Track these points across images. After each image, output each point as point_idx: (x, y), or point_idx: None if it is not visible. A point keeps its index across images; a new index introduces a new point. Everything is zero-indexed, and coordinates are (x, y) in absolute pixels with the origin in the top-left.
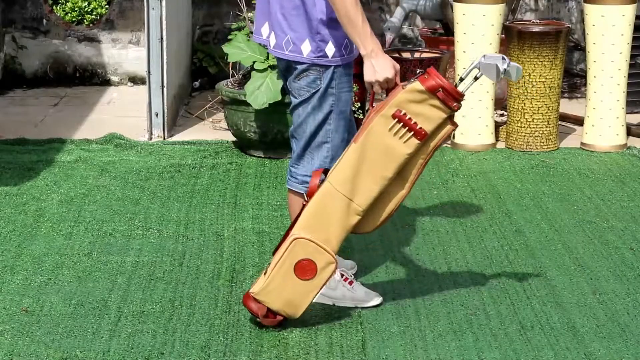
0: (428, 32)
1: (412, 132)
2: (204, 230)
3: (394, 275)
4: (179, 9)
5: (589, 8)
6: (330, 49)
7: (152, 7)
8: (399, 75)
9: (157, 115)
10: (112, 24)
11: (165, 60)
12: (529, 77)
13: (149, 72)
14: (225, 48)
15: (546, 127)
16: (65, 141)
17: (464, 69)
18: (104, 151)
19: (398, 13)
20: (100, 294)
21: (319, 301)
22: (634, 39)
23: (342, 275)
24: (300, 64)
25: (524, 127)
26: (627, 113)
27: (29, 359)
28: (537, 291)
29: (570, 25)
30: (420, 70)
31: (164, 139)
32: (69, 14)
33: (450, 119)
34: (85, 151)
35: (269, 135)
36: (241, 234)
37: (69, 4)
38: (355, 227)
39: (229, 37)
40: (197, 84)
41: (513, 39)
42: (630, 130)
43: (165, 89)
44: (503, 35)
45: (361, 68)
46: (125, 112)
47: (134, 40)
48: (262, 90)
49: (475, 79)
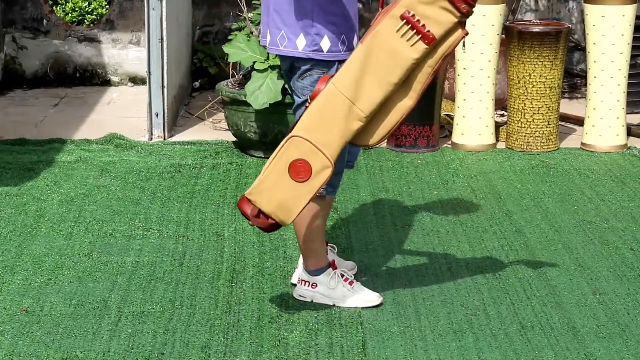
0: None
1: (420, 36)
2: (204, 230)
3: (394, 275)
4: (179, 9)
5: (589, 8)
6: (325, 43)
7: (152, 7)
8: None
9: (157, 115)
10: (113, 24)
11: (165, 61)
12: (529, 77)
13: (149, 72)
14: (226, 48)
15: (546, 127)
16: (65, 141)
17: (464, 69)
18: (104, 151)
19: None
20: (100, 294)
21: (319, 302)
22: (634, 39)
23: (343, 276)
24: (299, 60)
25: (524, 127)
26: (627, 113)
27: (29, 359)
28: (537, 291)
29: (570, 25)
30: None
31: (164, 139)
32: (69, 14)
33: (462, 24)
34: (86, 151)
35: (269, 135)
36: (241, 234)
37: (69, 4)
38: (356, 137)
39: (229, 37)
40: (197, 84)
41: (513, 39)
42: (631, 131)
43: (165, 89)
44: (503, 36)
45: None
46: (126, 112)
47: (134, 41)
48: (263, 91)
49: None
